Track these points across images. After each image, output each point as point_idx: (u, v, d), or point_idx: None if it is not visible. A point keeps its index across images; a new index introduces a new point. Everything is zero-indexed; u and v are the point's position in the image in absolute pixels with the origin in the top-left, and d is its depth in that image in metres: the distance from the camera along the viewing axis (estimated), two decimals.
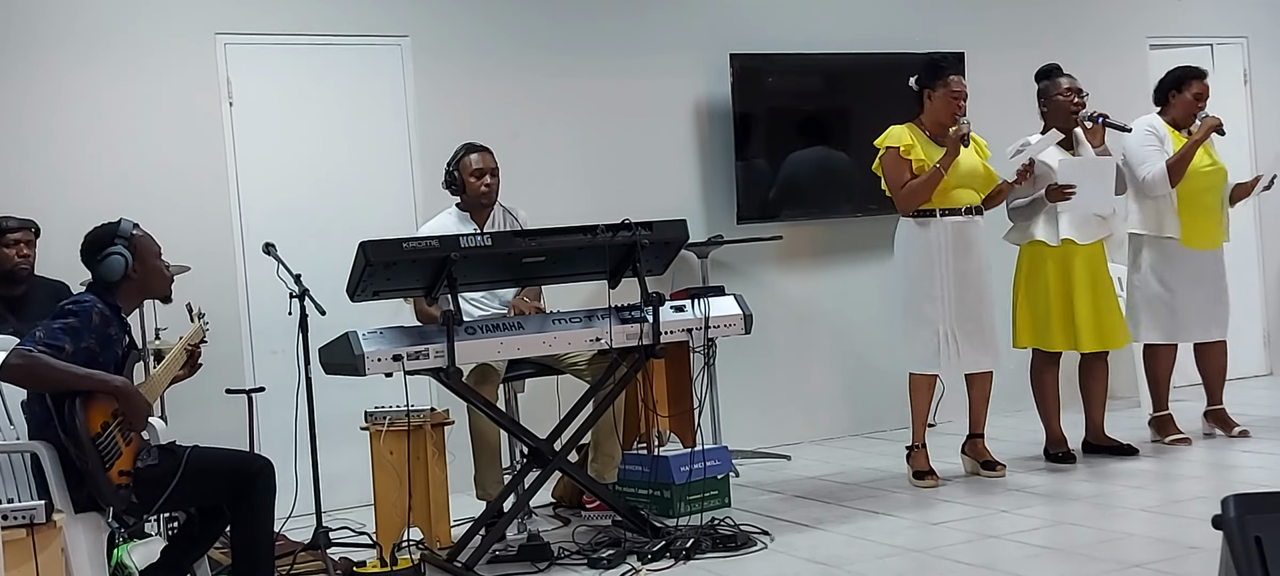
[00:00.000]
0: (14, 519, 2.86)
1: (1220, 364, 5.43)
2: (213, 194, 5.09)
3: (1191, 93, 5.21)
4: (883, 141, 4.82)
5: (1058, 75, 5.07)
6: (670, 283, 5.15)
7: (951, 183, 4.73)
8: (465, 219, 4.63)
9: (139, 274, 3.40)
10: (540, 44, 5.65)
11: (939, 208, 4.75)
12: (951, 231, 4.77)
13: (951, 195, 4.75)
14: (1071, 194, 4.86)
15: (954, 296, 4.76)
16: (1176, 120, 5.22)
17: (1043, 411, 5.16)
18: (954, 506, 4.51)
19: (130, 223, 3.45)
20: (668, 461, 4.59)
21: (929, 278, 4.77)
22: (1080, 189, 4.86)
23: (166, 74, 5.03)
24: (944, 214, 4.75)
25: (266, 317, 4.99)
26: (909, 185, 4.74)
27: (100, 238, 3.40)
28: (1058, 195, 4.88)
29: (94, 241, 3.40)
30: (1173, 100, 5.25)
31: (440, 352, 3.84)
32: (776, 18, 6.05)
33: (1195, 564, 3.54)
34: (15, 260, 4.34)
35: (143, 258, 3.41)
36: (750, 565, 3.91)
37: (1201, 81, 5.24)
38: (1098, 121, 5.02)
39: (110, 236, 3.39)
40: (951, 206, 4.76)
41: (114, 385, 3.24)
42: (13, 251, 4.34)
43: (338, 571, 4.01)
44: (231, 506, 3.42)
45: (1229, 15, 7.15)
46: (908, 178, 4.74)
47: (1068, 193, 4.86)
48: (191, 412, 4.52)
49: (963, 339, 4.78)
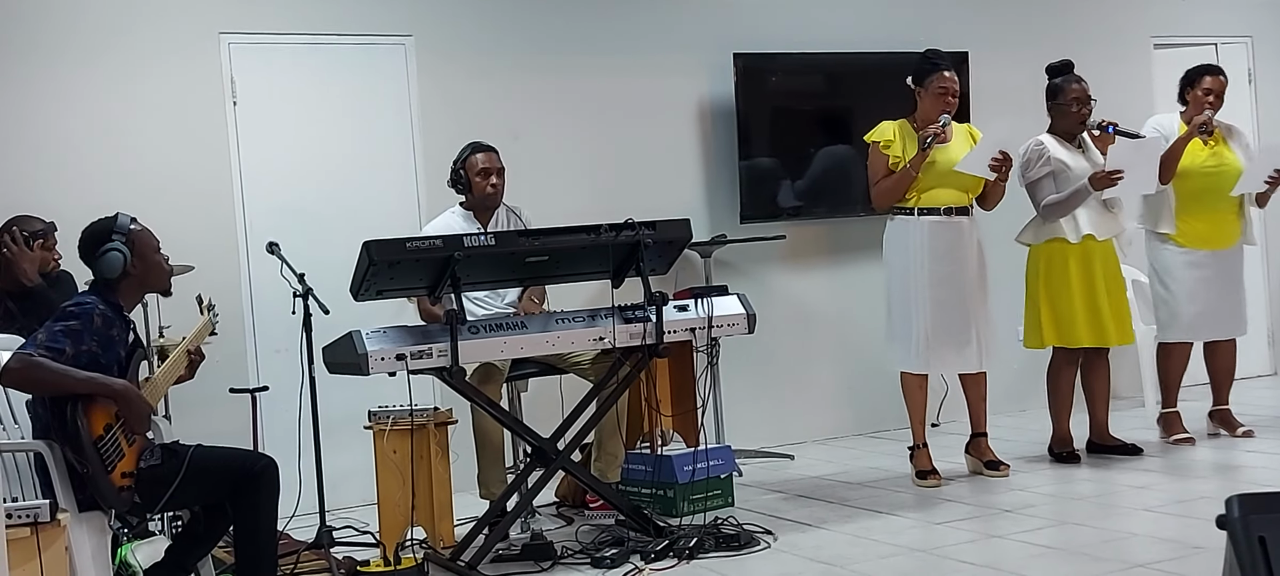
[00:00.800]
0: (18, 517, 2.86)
1: (1227, 364, 5.42)
2: (216, 193, 5.10)
3: (1201, 88, 5.20)
4: (869, 136, 4.83)
5: (1069, 78, 5.02)
6: (673, 282, 5.15)
7: (931, 182, 4.72)
8: (469, 218, 4.64)
9: (138, 269, 3.38)
10: (544, 44, 5.65)
11: (918, 207, 4.74)
12: (929, 231, 4.75)
13: (931, 195, 4.74)
14: (1119, 179, 4.82)
15: (929, 297, 4.75)
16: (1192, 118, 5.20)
17: (1054, 410, 5.15)
18: (957, 506, 4.51)
19: (128, 217, 3.41)
20: (671, 461, 4.59)
21: (908, 277, 4.77)
22: (1128, 173, 4.82)
23: (170, 73, 5.04)
24: (922, 213, 4.74)
25: (270, 317, 5.00)
26: (881, 183, 4.76)
27: (97, 233, 3.36)
28: (1105, 182, 4.82)
29: (91, 237, 3.37)
30: (1189, 97, 5.25)
31: (444, 352, 3.85)
32: (780, 17, 6.05)
33: (1199, 564, 3.53)
34: (53, 262, 4.33)
35: (141, 253, 3.39)
36: (753, 564, 3.90)
37: (1213, 77, 5.22)
38: (1107, 131, 4.99)
39: (108, 231, 3.35)
40: (930, 206, 4.74)
41: (114, 388, 3.22)
42: (50, 254, 4.32)
43: (341, 570, 4.02)
44: (235, 505, 3.42)
45: (1233, 15, 7.14)
46: (883, 175, 4.75)
47: (1115, 178, 4.81)
48: (195, 412, 4.53)
49: (939, 341, 4.77)
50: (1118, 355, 5.37)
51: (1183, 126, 5.19)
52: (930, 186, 4.73)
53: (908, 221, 4.77)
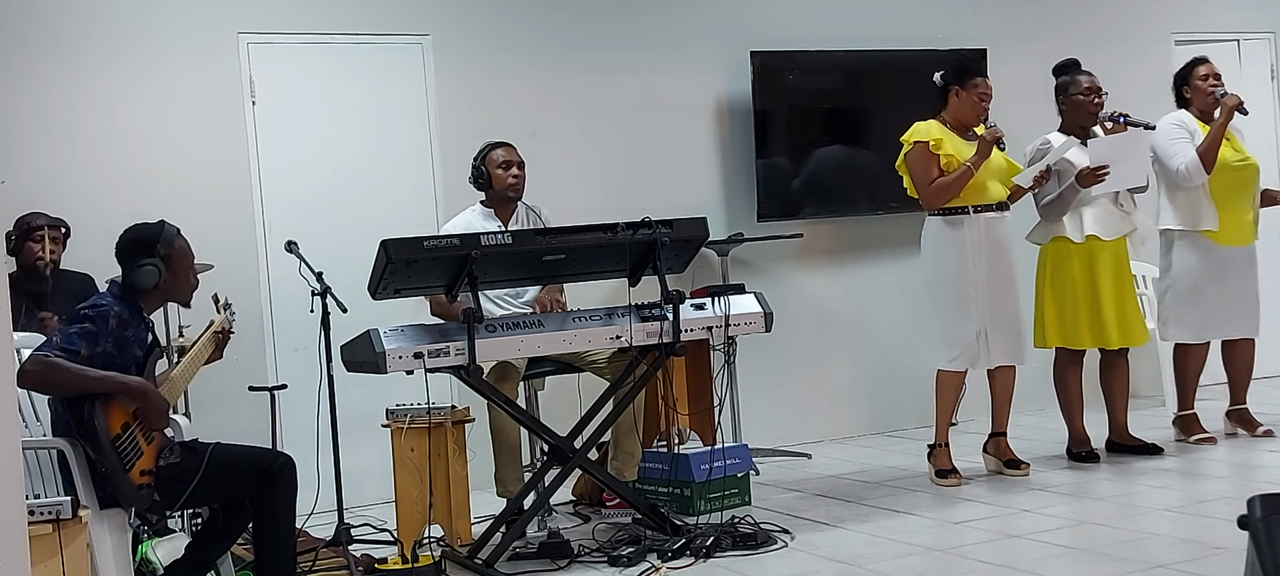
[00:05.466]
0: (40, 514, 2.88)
1: (1247, 363, 5.38)
2: (235, 192, 5.12)
3: (1198, 77, 5.16)
4: (910, 137, 4.78)
5: (1077, 72, 5.02)
6: (690, 280, 5.14)
7: (982, 178, 4.71)
8: (490, 215, 4.64)
9: (168, 284, 3.41)
10: (561, 42, 5.66)
11: (972, 204, 4.73)
12: (985, 228, 4.74)
13: (983, 191, 4.73)
14: (1105, 175, 4.80)
15: (988, 293, 4.74)
16: (1201, 111, 5.16)
17: (1066, 410, 5.13)
18: (976, 505, 4.49)
19: (174, 228, 3.43)
20: (688, 459, 4.59)
21: (963, 275, 4.74)
22: (1114, 167, 4.80)
23: (190, 73, 5.06)
24: (977, 210, 4.73)
25: (288, 315, 5.02)
26: (938, 182, 4.71)
27: (141, 240, 3.38)
28: (1091, 179, 4.80)
29: (134, 242, 3.38)
30: (1188, 93, 5.20)
31: (461, 350, 3.85)
32: (797, 15, 6.03)
33: (1220, 564, 3.51)
34: (35, 256, 4.36)
35: (176, 269, 3.41)
36: (770, 563, 3.90)
37: (1204, 64, 5.19)
38: (1119, 121, 4.97)
39: (151, 244, 3.36)
40: (984, 203, 4.74)
41: (131, 386, 3.24)
42: (37, 247, 4.36)
43: (359, 568, 4.03)
44: (254, 503, 3.43)
45: (1255, 10, 7.08)
46: (935, 174, 4.71)
47: (1101, 175, 4.80)
48: (214, 409, 4.55)
49: (995, 336, 4.77)
50: (1137, 355, 5.34)
51: (1199, 123, 5.15)
52: (981, 183, 4.72)
53: (962, 220, 4.73)
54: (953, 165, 4.68)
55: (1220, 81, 5.15)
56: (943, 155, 4.70)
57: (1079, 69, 5.04)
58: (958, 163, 4.67)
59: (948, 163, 4.69)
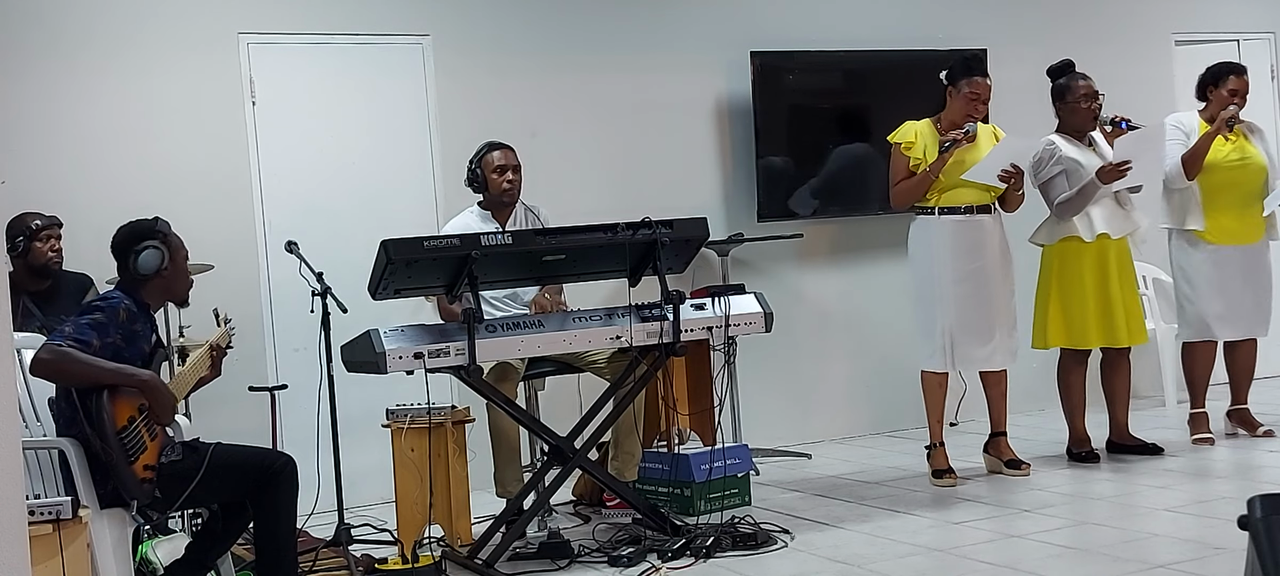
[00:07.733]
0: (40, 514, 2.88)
1: (1248, 363, 5.38)
2: (235, 192, 5.12)
3: (1227, 88, 5.16)
4: (893, 136, 4.84)
5: (1073, 75, 5.00)
6: (690, 281, 5.14)
7: (954, 180, 4.72)
8: (487, 217, 4.64)
9: (169, 272, 3.45)
10: (561, 42, 5.66)
11: (938, 206, 4.76)
12: (950, 230, 4.76)
13: (952, 194, 4.75)
14: (1128, 170, 4.78)
15: (952, 295, 4.75)
16: (1212, 117, 5.16)
17: (1068, 410, 5.13)
18: (976, 505, 4.49)
19: (165, 222, 3.51)
20: (688, 459, 4.59)
21: (931, 275, 4.79)
22: (1136, 164, 4.79)
23: (189, 73, 5.06)
24: (943, 212, 4.76)
25: (289, 315, 5.02)
26: (901, 184, 4.78)
27: (138, 231, 3.45)
28: (1113, 174, 4.79)
29: (131, 234, 3.45)
30: (1211, 95, 5.20)
31: (461, 350, 3.85)
32: (797, 15, 6.03)
33: (1220, 564, 3.51)
34: (49, 255, 4.42)
35: (174, 257, 3.48)
36: (770, 563, 3.90)
37: (1238, 77, 5.17)
38: (1120, 126, 4.95)
39: (148, 231, 3.45)
40: (950, 205, 4.75)
41: (141, 378, 3.27)
42: (46, 247, 4.41)
43: (359, 568, 4.03)
44: (254, 503, 3.44)
45: (1255, 10, 7.08)
46: (903, 176, 4.77)
47: (1124, 170, 4.78)
48: (214, 410, 4.55)
49: (963, 338, 4.77)
50: (1138, 354, 5.34)
51: (1203, 124, 5.15)
52: (952, 185, 4.73)
53: (929, 220, 4.79)
54: (920, 167, 4.71)
55: (1244, 101, 5.15)
56: (912, 157, 4.73)
57: (1074, 71, 5.04)
58: (926, 165, 4.70)
59: (915, 165, 4.73)
